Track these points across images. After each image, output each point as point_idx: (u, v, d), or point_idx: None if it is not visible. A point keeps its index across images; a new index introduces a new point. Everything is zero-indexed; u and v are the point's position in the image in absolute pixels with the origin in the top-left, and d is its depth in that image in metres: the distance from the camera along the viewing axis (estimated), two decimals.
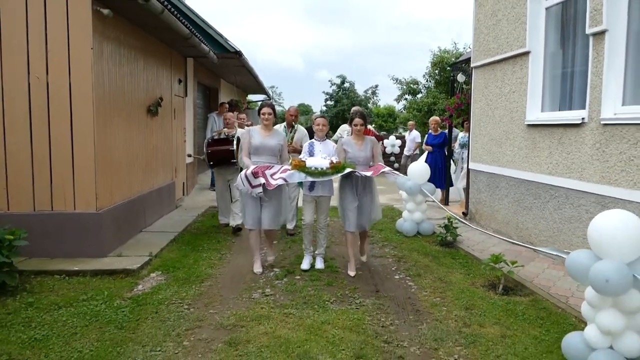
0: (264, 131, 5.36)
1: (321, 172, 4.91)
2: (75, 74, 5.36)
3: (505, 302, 4.44)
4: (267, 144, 5.28)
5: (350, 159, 5.21)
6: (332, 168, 4.93)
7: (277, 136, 5.42)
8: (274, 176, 4.93)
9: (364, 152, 5.28)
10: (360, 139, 5.35)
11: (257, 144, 5.27)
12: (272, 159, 5.32)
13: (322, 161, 5.00)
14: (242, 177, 4.98)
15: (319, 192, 5.36)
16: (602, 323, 3.03)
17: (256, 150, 5.28)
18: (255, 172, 4.92)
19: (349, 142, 5.35)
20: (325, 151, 5.31)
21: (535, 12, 6.19)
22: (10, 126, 5.39)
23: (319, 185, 5.29)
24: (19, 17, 5.26)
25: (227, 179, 7.10)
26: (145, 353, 3.40)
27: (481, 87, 7.67)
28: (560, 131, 5.63)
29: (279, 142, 5.38)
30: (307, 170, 4.92)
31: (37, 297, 4.38)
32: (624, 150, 4.64)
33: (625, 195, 4.61)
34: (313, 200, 5.42)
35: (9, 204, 5.46)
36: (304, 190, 5.45)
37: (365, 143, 5.33)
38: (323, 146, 5.39)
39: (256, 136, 5.32)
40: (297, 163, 4.95)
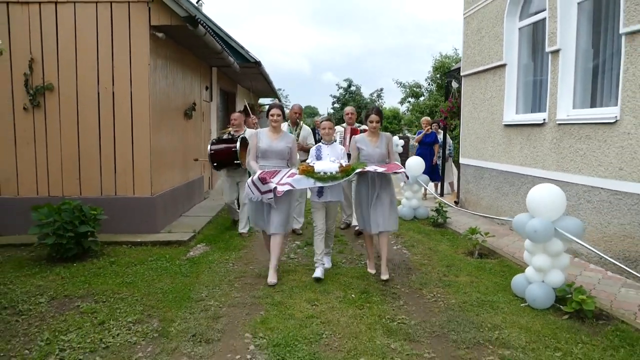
0: (273, 134, 5.12)
1: (330, 177, 4.71)
2: (135, 85, 6.68)
3: (478, 263, 5.70)
4: (275, 147, 5.04)
5: (365, 157, 5.04)
6: (341, 172, 4.73)
7: (285, 139, 5.15)
8: (280, 182, 4.71)
9: (379, 149, 5.09)
10: (375, 135, 5.15)
11: (264, 147, 5.04)
12: (280, 163, 5.08)
13: (331, 165, 4.79)
14: (249, 184, 4.77)
15: (328, 197, 5.04)
16: (536, 264, 4.29)
17: (264, 153, 5.06)
18: (263, 177, 4.68)
19: (363, 140, 5.15)
20: (334, 154, 5.08)
21: (510, 31, 7.45)
22: (84, 127, 6.72)
23: (328, 190, 4.99)
24: (90, 40, 6.59)
25: (236, 181, 7.01)
26: (208, 290, 4.68)
27: (469, 93, 8.93)
28: (528, 130, 6.88)
29: (288, 144, 5.11)
30: (316, 176, 4.72)
31: (116, 259, 5.69)
32: (572, 144, 5.89)
33: (574, 180, 5.85)
34: (323, 206, 5.13)
35: (81, 190, 6.79)
36: (312, 196, 5.13)
37: (380, 140, 5.14)
38: (331, 149, 5.15)
39: (264, 139, 5.09)
40: (304, 168, 4.75)
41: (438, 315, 4.14)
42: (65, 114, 6.68)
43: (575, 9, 5.98)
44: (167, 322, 3.92)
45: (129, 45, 6.63)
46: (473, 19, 8.62)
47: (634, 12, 4.85)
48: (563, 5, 6.04)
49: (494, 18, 7.79)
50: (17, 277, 5.00)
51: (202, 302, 4.37)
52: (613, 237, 5.18)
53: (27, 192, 6.78)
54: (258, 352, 3.42)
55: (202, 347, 3.50)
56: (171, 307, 4.24)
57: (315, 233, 5.18)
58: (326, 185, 4.81)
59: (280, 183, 4.70)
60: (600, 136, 5.39)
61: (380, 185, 5.03)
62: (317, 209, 5.15)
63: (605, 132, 5.32)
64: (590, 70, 5.96)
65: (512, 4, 7.27)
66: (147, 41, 6.62)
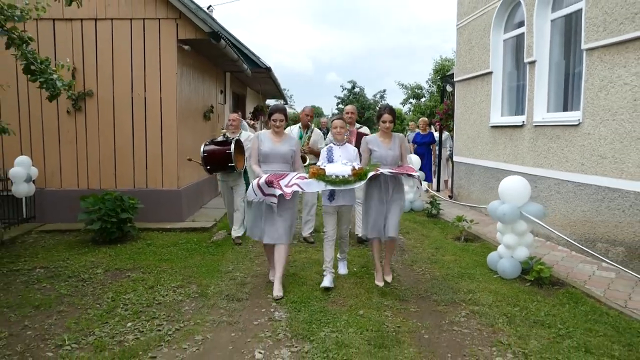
0: (275, 136, 4.79)
1: (343, 181, 4.43)
2: (164, 91, 7.62)
3: (463, 246, 6.59)
4: (278, 151, 4.71)
5: (377, 159, 4.76)
6: (354, 175, 4.44)
7: (289, 141, 4.81)
8: (288, 185, 4.45)
9: (392, 151, 4.80)
10: (387, 136, 4.86)
11: (266, 150, 4.71)
12: (283, 167, 4.74)
13: (344, 168, 4.48)
14: (254, 186, 4.46)
15: (340, 201, 4.80)
16: (505, 242, 5.19)
17: (266, 157, 4.73)
18: (270, 180, 4.41)
19: (375, 141, 4.86)
20: (346, 156, 4.79)
21: (496, 42, 8.33)
22: (119, 128, 7.66)
23: (340, 194, 4.73)
24: (125, 52, 7.53)
25: (230, 185, 6.70)
26: (234, 265, 5.60)
27: (461, 97, 9.82)
28: (510, 130, 7.77)
29: (292, 147, 4.77)
30: (328, 179, 4.43)
31: (151, 241, 6.62)
32: (546, 143, 6.78)
33: (547, 174, 6.73)
34: (335, 211, 4.86)
35: (116, 183, 7.73)
36: (324, 200, 4.87)
37: (393, 141, 4.85)
38: (343, 151, 4.84)
39: (266, 142, 4.75)
40: (315, 171, 4.46)
41: (424, 283, 5.05)
42: (103, 117, 7.63)
43: (548, 25, 6.86)
44: (204, 287, 4.85)
45: (159, 56, 7.57)
46: (464, 30, 9.51)
47: (592, 32, 5.74)
48: (538, 21, 6.93)
49: (482, 30, 8.68)
50: (71, 255, 5.95)
51: (229, 274, 5.29)
52: (576, 222, 6.07)
53: (69, 185, 7.73)
54: (279, 307, 4.33)
55: (235, 303, 4.42)
56: (205, 276, 5.16)
57: (325, 239, 4.89)
58: (338, 189, 4.54)
59: (288, 185, 4.43)
60: (567, 136, 6.28)
61: (392, 189, 4.76)
62: (328, 213, 4.87)
63: (570, 132, 6.21)
64: (562, 78, 6.84)
65: (497, 18, 8.15)
66: (175, 53, 7.56)
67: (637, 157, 5.12)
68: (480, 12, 8.73)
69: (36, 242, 6.68)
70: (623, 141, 5.31)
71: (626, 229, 5.28)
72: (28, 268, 5.43)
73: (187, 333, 3.79)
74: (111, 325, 3.91)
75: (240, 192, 6.59)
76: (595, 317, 4.09)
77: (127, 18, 7.46)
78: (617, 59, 5.39)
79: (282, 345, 3.60)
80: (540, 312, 4.21)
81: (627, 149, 5.26)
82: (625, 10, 5.24)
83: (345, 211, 4.96)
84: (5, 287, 4.83)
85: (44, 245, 6.49)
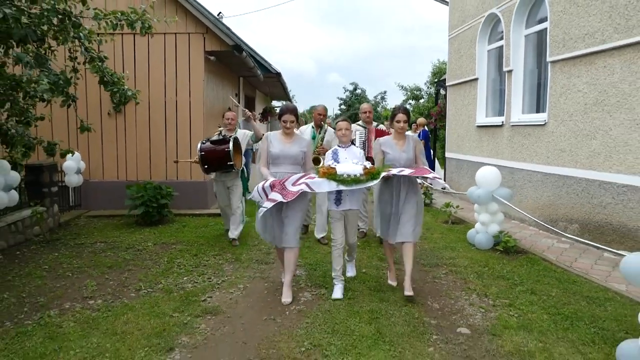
0: (285, 137, 4.62)
1: (354, 180, 4.28)
2: (193, 95, 8.81)
3: (449, 227, 7.78)
4: (288, 152, 4.55)
5: (390, 161, 4.60)
6: (366, 174, 4.30)
7: (299, 142, 4.65)
8: (296, 183, 4.30)
9: (406, 154, 4.64)
10: (401, 138, 4.69)
11: (276, 152, 4.55)
12: (294, 169, 4.56)
13: (355, 167, 4.35)
14: (259, 189, 4.35)
15: (347, 205, 4.64)
16: (481, 220, 6.37)
17: (275, 159, 4.57)
18: (273, 185, 4.30)
19: (389, 142, 4.70)
20: (353, 158, 4.61)
21: (481, 52, 9.51)
22: (153, 128, 8.86)
23: (347, 197, 4.60)
24: (159, 62, 8.72)
25: (227, 185, 6.50)
26: (259, 240, 6.77)
27: (452, 100, 11.01)
28: (492, 130, 8.95)
29: (302, 149, 4.61)
30: (339, 178, 4.28)
31: (185, 224, 7.81)
32: (520, 140, 7.96)
33: (521, 166, 7.91)
34: (342, 216, 4.67)
35: (151, 175, 8.93)
36: (330, 205, 4.75)
37: (407, 143, 4.69)
38: (348, 153, 4.67)
39: (275, 143, 4.59)
40: (326, 170, 4.32)
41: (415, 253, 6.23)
42: (139, 118, 8.83)
43: (523, 39, 8.04)
44: (237, 254, 6.04)
45: (188, 65, 8.77)
46: (455, 40, 10.70)
47: (554, 47, 6.92)
48: (514, 36, 8.11)
49: (470, 41, 9.86)
50: (122, 233, 7.15)
51: (256, 246, 6.49)
52: (543, 206, 7.26)
53: (110, 177, 8.94)
54: (299, 268, 5.51)
55: (264, 265, 5.62)
56: (236, 248, 6.36)
57: (334, 247, 4.69)
58: (349, 188, 4.35)
59: (295, 183, 4.30)
60: (537, 134, 7.46)
61: (406, 190, 4.59)
62: (336, 219, 4.69)
63: (539, 131, 7.39)
64: (535, 85, 8.01)
65: (482, 31, 9.33)
66: (202, 63, 8.76)
67: (587, 150, 6.30)
68: (468, 26, 9.91)
69: (87, 224, 7.89)
70: (577, 137, 6.50)
71: (579, 209, 6.47)
72: (90, 242, 6.63)
73: (231, 283, 4.99)
74: (172, 278, 5.11)
75: (237, 193, 6.52)
76: (545, 273, 5.27)
77: (162, 33, 8.65)
78: (573, 71, 6.57)
79: (304, 291, 4.79)
80: (503, 270, 5.39)
81: (579, 144, 6.44)
82: (578, 31, 6.42)
83: (352, 216, 4.74)
84: (77, 255, 6.03)
85: (95, 226, 7.70)
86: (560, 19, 6.79)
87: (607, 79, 5.92)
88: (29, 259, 5.82)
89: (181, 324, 3.95)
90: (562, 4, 6.74)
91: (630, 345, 3.09)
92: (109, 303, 4.41)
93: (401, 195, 4.60)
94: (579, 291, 4.69)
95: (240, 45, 8.61)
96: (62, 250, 6.21)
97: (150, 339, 3.66)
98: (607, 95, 5.93)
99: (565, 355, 3.42)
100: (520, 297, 4.57)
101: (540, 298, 4.53)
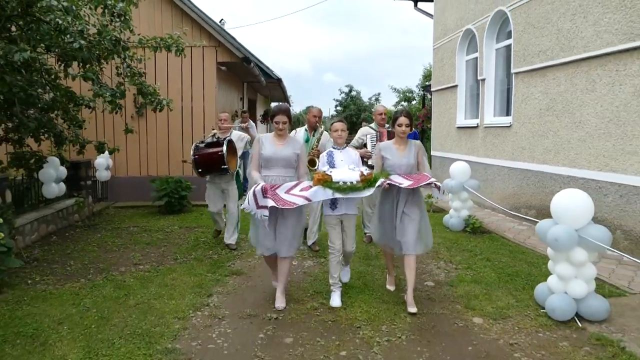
0: (277, 139, 4.44)
1: (351, 187, 4.11)
2: (206, 101, 10.03)
3: (430, 215, 8.98)
4: (280, 155, 4.37)
5: (390, 167, 4.39)
6: (363, 182, 4.12)
7: (292, 144, 4.46)
8: (290, 192, 4.14)
9: (406, 159, 4.41)
10: (402, 142, 4.47)
11: (268, 154, 4.36)
12: (287, 172, 4.40)
13: (351, 174, 4.18)
14: (249, 195, 4.09)
15: (343, 210, 4.43)
16: (454, 206, 7.61)
17: (267, 162, 4.38)
18: (265, 189, 4.06)
19: (389, 147, 4.48)
20: (348, 161, 4.44)
21: (460, 62, 10.76)
22: (171, 129, 10.07)
23: (343, 201, 4.37)
24: (177, 71, 9.94)
25: (221, 188, 6.42)
26: None
27: (436, 104, 12.27)
28: (469, 130, 10.21)
29: (296, 151, 4.43)
30: (334, 186, 4.11)
31: (202, 212, 9.01)
32: (491, 140, 9.22)
33: (492, 162, 9.17)
34: (338, 221, 4.49)
35: (169, 171, 10.13)
36: (325, 209, 4.53)
37: (409, 148, 4.46)
38: (344, 155, 4.51)
39: (267, 145, 4.40)
40: (320, 177, 4.15)
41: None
42: (159, 121, 10.04)
43: (494, 52, 9.30)
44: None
45: (202, 75, 9.99)
46: (438, 51, 11.96)
47: (517, 61, 8.18)
48: (487, 49, 9.36)
49: (451, 52, 11.12)
50: (149, 220, 8.37)
51: None
52: (508, 195, 8.52)
53: (133, 172, 10.15)
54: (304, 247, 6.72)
55: None
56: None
57: (331, 254, 4.54)
58: (346, 197, 4.19)
59: (293, 194, 4.12)
60: (504, 134, 8.72)
61: (407, 199, 4.36)
62: (332, 225, 4.50)
63: (506, 132, 8.65)
64: (505, 92, 9.27)
65: (460, 44, 10.59)
66: (215, 72, 9.98)
67: (542, 148, 7.56)
68: (449, 38, 11.17)
69: (116, 213, 9.10)
70: (534, 137, 7.76)
71: (536, 197, 7.72)
72: (125, 226, 7.85)
73: (249, 254, 6.21)
74: (200, 251, 6.34)
75: (233, 196, 6.45)
76: (501, 247, 6.52)
77: None
78: (531, 81, 7.83)
79: (307, 259, 6.02)
80: (468, 245, 6.64)
81: (536, 142, 7.70)
82: (534, 48, 7.68)
83: (350, 222, 4.52)
84: (117, 235, 7.24)
85: (124, 215, 8.91)
86: (521, 37, 8.05)
87: (555, 89, 7.18)
88: (78, 239, 7.03)
89: (214, 280, 5.18)
90: (523, 25, 8.00)
91: (542, 286, 4.34)
92: (155, 267, 5.63)
93: (402, 203, 4.37)
94: (524, 259, 5.94)
95: (248, 57, 9.84)
96: (103, 232, 7.42)
97: (194, 288, 4.89)
98: (556, 102, 7.18)
99: (500, 297, 4.67)
100: (477, 263, 5.82)
101: (492, 263, 5.78)
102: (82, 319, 4.11)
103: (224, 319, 4.19)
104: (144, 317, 4.15)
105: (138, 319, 4.11)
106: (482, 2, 9.45)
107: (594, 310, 4.00)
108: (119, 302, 4.50)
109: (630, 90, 5.73)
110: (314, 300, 4.62)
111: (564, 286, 4.06)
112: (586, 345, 3.66)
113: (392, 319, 4.19)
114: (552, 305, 4.05)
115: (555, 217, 4.16)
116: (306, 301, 4.62)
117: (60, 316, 4.16)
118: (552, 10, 7.19)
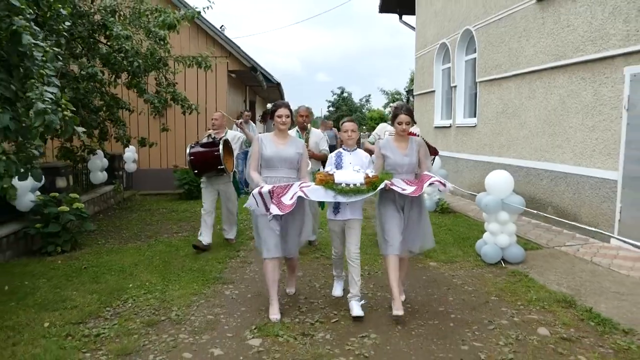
0: (278, 138, 4.28)
1: (355, 190, 3.89)
2: (218, 103, 11.65)
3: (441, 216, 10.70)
4: (283, 154, 4.20)
5: (390, 166, 4.19)
6: (368, 184, 3.90)
7: (295, 144, 4.32)
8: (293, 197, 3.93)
9: (408, 158, 4.21)
10: (404, 140, 4.27)
11: (269, 154, 4.18)
12: (289, 173, 4.24)
13: (355, 175, 3.97)
14: (255, 195, 3.92)
15: (347, 214, 4.17)
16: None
17: (268, 162, 4.20)
18: (272, 192, 3.91)
19: (389, 145, 4.26)
20: (357, 163, 4.21)
21: (437, 70, 12.46)
22: (188, 128, 11.68)
23: (346, 205, 4.12)
24: (193, 79, 11.54)
25: (216, 188, 6.37)
26: None
27: (418, 106, 13.97)
28: (445, 130, 11.91)
29: (298, 151, 4.28)
30: (337, 188, 3.90)
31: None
32: (461, 137, 10.91)
33: (462, 157, 10.85)
34: (341, 227, 4.28)
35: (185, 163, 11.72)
36: (328, 213, 4.32)
37: (410, 146, 4.26)
38: (354, 157, 4.28)
39: (268, 145, 4.22)
40: (323, 177, 3.96)
41: None
42: (177, 121, 11.64)
43: (463, 63, 11.00)
44: None
45: (215, 82, 11.60)
46: (420, 59, 13.66)
47: (480, 71, 9.87)
48: (458, 60, 11.06)
49: (429, 61, 12.82)
50: (173, 204, 9.98)
51: None
52: (475, 184, 10.21)
53: (154, 165, 11.75)
54: None
55: None
56: None
57: (334, 257, 4.56)
58: (349, 200, 3.94)
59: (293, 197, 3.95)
60: (471, 133, 10.42)
61: (410, 200, 4.23)
62: (334, 230, 4.36)
63: (472, 130, 10.35)
64: (473, 97, 10.96)
65: (437, 55, 12.28)
66: (226, 79, 11.60)
67: (498, 144, 9.26)
68: (428, 50, 12.87)
69: (143, 199, 10.69)
70: (493, 135, 9.46)
71: None
72: (155, 208, 9.45)
73: None
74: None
75: (230, 196, 6.52)
76: (462, 222, 8.20)
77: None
78: (490, 89, 9.53)
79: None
80: (436, 221, 8.27)
81: (495, 139, 9.40)
82: (492, 62, 9.38)
83: (354, 227, 4.22)
84: (151, 215, 8.83)
85: (151, 200, 10.51)
86: (483, 52, 9.75)
87: (507, 96, 8.88)
88: (121, 217, 8.63)
89: (240, 242, 6.81)
90: (484, 42, 9.70)
91: (480, 241, 6.03)
92: (192, 234, 7.25)
93: (404, 203, 4.22)
94: (477, 229, 7.61)
95: (255, 67, 11.47)
96: (139, 213, 9.02)
97: (225, 246, 6.52)
98: (508, 107, 8.88)
99: (452, 251, 6.35)
100: (441, 233, 7.48)
101: (453, 232, 7.46)
102: (150, 262, 5.74)
103: (251, 264, 5.83)
104: (195, 261, 5.79)
105: (190, 262, 5.75)
106: (454, 20, 11.15)
107: (514, 255, 5.69)
108: (172, 254, 6.14)
109: (557, 98, 7.44)
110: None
111: (494, 239, 5.75)
112: (504, 275, 5.35)
113: (371, 263, 5.84)
114: (484, 252, 5.74)
115: (488, 190, 5.84)
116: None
117: (134, 261, 5.79)
118: (505, 32, 8.90)
